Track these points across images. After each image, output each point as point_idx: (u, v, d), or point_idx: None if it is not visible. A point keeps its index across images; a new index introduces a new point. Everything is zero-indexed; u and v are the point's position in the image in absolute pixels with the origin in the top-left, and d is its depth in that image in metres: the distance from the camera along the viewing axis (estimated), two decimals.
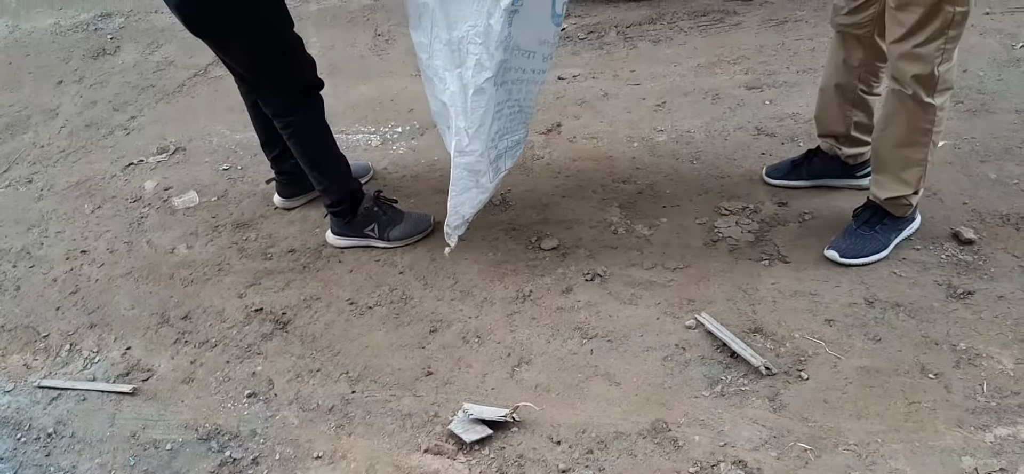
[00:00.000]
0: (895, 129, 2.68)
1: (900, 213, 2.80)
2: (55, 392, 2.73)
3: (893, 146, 2.71)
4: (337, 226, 3.20)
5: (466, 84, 2.63)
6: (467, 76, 2.61)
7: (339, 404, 2.55)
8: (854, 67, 2.90)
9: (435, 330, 2.78)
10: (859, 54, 2.87)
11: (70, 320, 3.02)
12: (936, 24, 2.44)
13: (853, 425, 2.26)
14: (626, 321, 2.72)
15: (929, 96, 2.55)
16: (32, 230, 3.55)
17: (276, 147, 3.31)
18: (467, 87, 2.63)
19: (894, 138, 2.70)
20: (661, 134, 3.64)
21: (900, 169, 2.73)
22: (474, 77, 2.60)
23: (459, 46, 2.60)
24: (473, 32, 2.55)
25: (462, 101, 2.65)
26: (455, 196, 2.78)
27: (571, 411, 2.43)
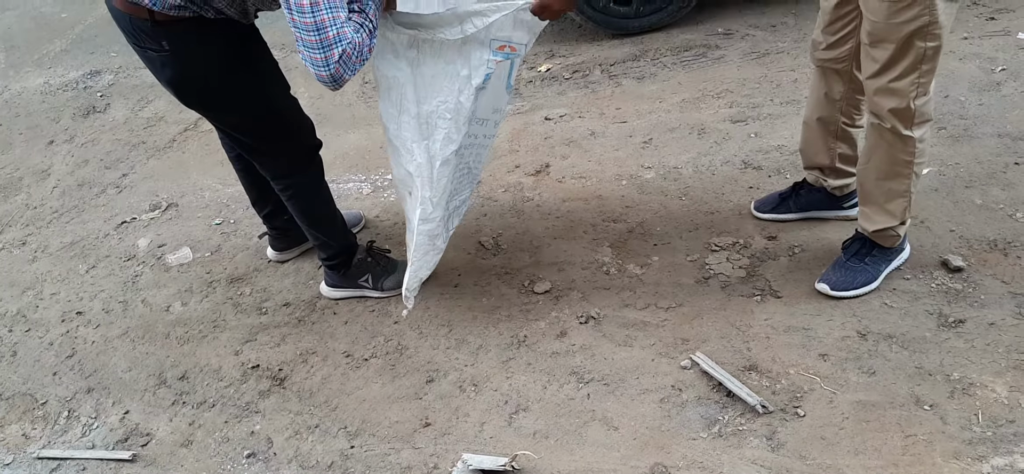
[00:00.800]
0: (877, 162, 2.71)
1: (889, 244, 2.83)
2: (54, 463, 2.72)
3: (876, 179, 2.74)
4: (331, 278, 3.21)
5: (433, 156, 2.68)
6: (434, 148, 2.67)
7: (338, 460, 2.55)
8: (836, 100, 2.93)
9: (432, 380, 2.79)
10: (840, 88, 2.90)
11: (67, 385, 3.03)
12: (908, 59, 2.47)
13: (851, 461, 2.28)
14: (621, 364, 2.73)
15: (907, 129, 2.58)
16: (27, 293, 3.56)
17: (267, 204, 3.32)
18: (434, 159, 2.69)
19: (876, 171, 2.72)
20: (649, 171, 3.67)
21: (885, 201, 2.76)
22: (441, 149, 2.68)
23: (428, 119, 2.65)
24: (443, 107, 2.62)
25: (429, 172, 2.70)
26: (416, 261, 2.81)
27: (570, 457, 2.44)
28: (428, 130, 2.66)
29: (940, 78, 3.77)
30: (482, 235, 3.44)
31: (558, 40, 5.15)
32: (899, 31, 2.43)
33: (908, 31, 2.42)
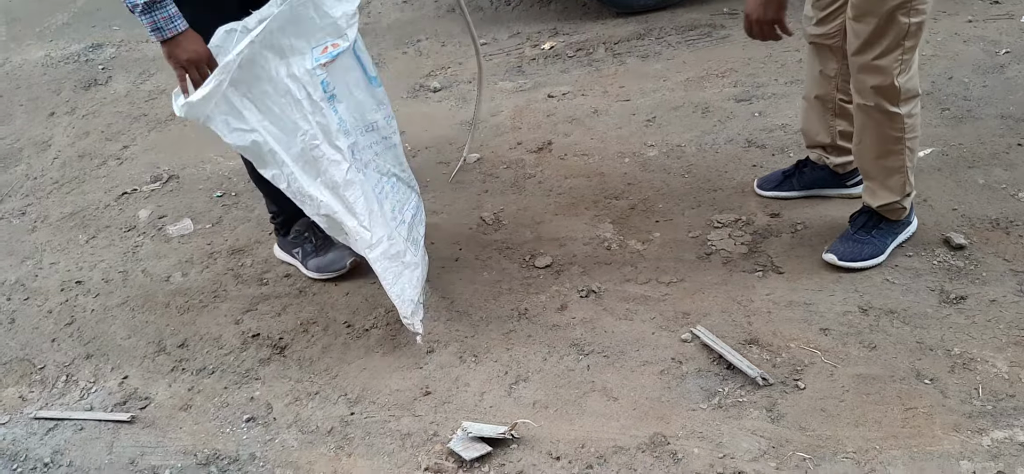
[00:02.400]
0: (868, 142, 2.72)
1: (895, 217, 2.83)
2: (52, 423, 2.73)
3: (871, 158, 2.76)
4: (277, 238, 3.34)
5: (333, 186, 2.62)
6: (330, 178, 2.61)
7: (338, 426, 2.55)
8: (831, 77, 2.94)
9: (432, 350, 2.79)
10: (834, 64, 2.91)
11: (66, 351, 3.02)
12: (891, 35, 2.48)
13: (851, 433, 2.27)
14: (622, 336, 2.73)
15: (893, 106, 2.59)
16: (26, 262, 3.55)
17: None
18: (337, 187, 2.62)
19: (869, 151, 2.74)
20: (652, 149, 3.67)
21: (884, 178, 2.77)
22: (335, 174, 2.61)
23: (304, 158, 2.59)
24: (309, 137, 2.57)
25: (340, 204, 2.64)
26: (391, 288, 2.73)
27: (569, 427, 2.44)
28: (312, 167, 2.60)
29: (944, 60, 3.78)
30: (483, 210, 3.43)
31: (562, 18, 5.14)
32: (883, 5, 2.45)
33: (891, 5, 2.44)
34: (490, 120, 4.10)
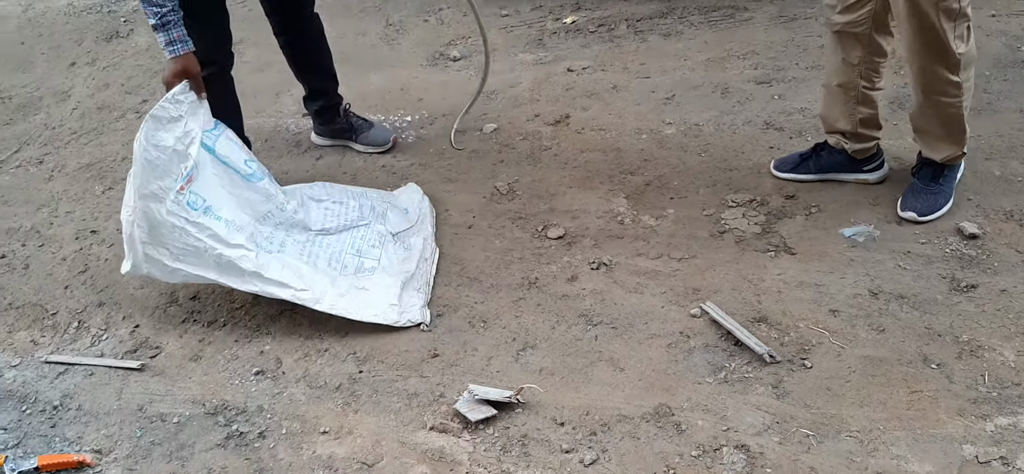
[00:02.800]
0: (929, 112, 2.86)
1: (955, 163, 2.98)
2: (62, 367, 2.75)
3: (935, 123, 2.88)
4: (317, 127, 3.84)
5: (254, 274, 2.72)
6: (247, 270, 2.72)
7: (346, 382, 2.57)
8: (854, 65, 2.94)
9: (441, 314, 2.80)
10: (858, 52, 2.91)
11: (79, 298, 3.05)
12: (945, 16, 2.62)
13: (856, 412, 2.28)
14: (631, 309, 2.73)
15: (954, 74, 2.73)
16: (42, 210, 3.58)
17: (305, 86, 3.76)
18: (257, 275, 2.72)
19: (930, 119, 2.88)
20: (670, 127, 3.66)
21: (946, 135, 2.90)
22: (249, 266, 2.72)
23: (221, 264, 2.71)
24: (209, 250, 2.69)
25: (269, 285, 2.74)
26: (362, 317, 2.78)
27: (575, 394, 2.45)
28: (231, 269, 2.72)
29: None
30: (498, 180, 3.44)
31: None
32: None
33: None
34: (508, 91, 4.10)
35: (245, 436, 2.43)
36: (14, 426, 2.56)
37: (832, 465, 2.15)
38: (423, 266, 2.96)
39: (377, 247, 2.98)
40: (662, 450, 2.25)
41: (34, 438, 2.51)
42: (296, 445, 2.39)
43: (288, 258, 2.81)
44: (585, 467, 2.23)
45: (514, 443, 2.32)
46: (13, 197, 3.67)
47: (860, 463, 2.15)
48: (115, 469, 2.38)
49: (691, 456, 2.22)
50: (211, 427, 2.47)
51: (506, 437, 2.34)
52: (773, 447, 2.21)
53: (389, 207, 3.15)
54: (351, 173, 3.59)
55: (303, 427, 2.44)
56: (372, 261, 2.93)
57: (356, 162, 3.68)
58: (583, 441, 2.31)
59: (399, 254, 2.98)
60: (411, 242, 3.04)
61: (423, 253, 3.00)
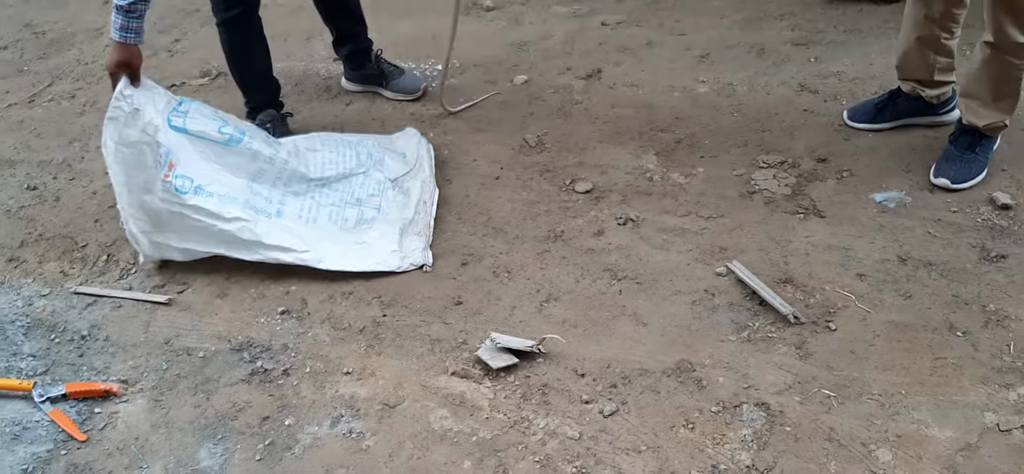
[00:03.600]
0: (990, 72, 2.82)
1: (995, 134, 2.94)
2: (91, 299, 2.79)
3: (988, 86, 2.84)
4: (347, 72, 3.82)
5: (256, 243, 2.78)
6: (249, 241, 2.77)
7: (370, 325, 2.59)
8: (935, 19, 2.95)
9: (466, 263, 2.81)
10: (939, 6, 2.92)
11: (108, 232, 3.07)
12: None
13: (878, 376, 2.27)
14: (656, 265, 2.73)
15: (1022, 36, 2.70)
16: (73, 144, 3.60)
17: (333, 32, 3.73)
18: (258, 244, 2.78)
19: (988, 80, 2.84)
20: (703, 85, 3.63)
21: (994, 101, 2.86)
22: (248, 236, 2.76)
23: (227, 240, 2.77)
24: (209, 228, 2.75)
25: (272, 251, 2.79)
26: (366, 268, 2.80)
27: (597, 347, 2.46)
28: (236, 242, 2.77)
29: None
30: (527, 132, 3.43)
31: None
32: None
33: None
34: (540, 44, 4.07)
35: (269, 373, 2.45)
36: (43, 353, 2.59)
37: (852, 427, 2.15)
38: (422, 210, 2.97)
39: (377, 195, 2.98)
40: (682, 404, 2.25)
41: (62, 366, 2.55)
42: (319, 384, 2.41)
43: (287, 221, 2.84)
44: (604, 418, 2.24)
45: (534, 392, 2.33)
46: (45, 130, 3.71)
47: (880, 426, 2.14)
48: (141, 399, 2.42)
49: (711, 411, 2.23)
50: (236, 363, 2.50)
51: (527, 386, 2.35)
52: (793, 406, 2.21)
53: (387, 153, 3.15)
54: (380, 120, 3.59)
55: (326, 367, 2.46)
56: (372, 210, 2.94)
57: (385, 109, 3.68)
58: (603, 392, 2.31)
59: (398, 200, 2.99)
60: (409, 187, 3.05)
61: (421, 196, 3.00)
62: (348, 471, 2.18)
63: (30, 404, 2.42)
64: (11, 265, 2.95)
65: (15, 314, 2.73)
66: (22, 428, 2.36)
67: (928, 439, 2.11)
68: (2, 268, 2.94)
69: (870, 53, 3.73)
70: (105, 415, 2.38)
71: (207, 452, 2.26)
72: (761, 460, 2.10)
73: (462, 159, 3.30)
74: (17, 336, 2.66)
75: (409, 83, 3.72)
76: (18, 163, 3.48)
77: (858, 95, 3.42)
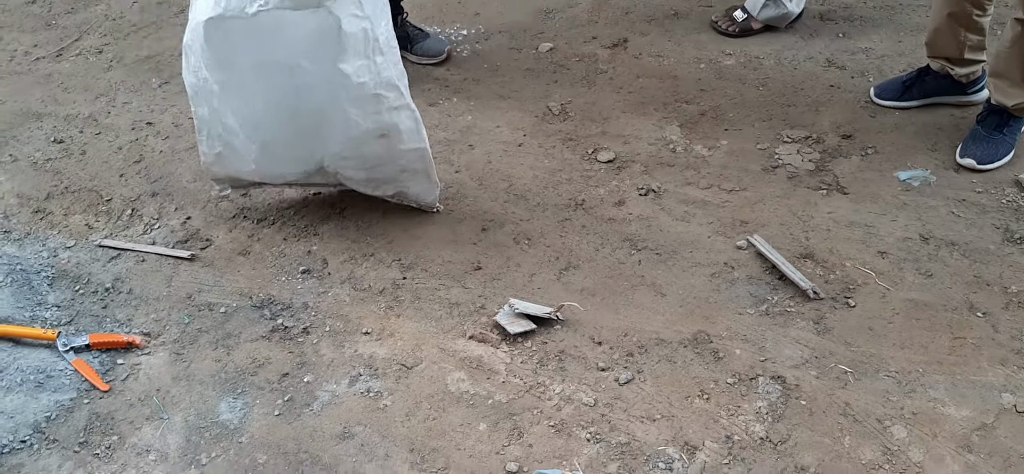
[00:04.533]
0: (1020, 49, 2.76)
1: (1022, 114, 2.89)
2: (115, 252, 2.82)
3: (1019, 65, 2.79)
4: None
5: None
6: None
7: (390, 287, 2.61)
8: None
9: (487, 229, 2.82)
10: None
11: (133, 187, 3.10)
12: None
13: (896, 354, 2.27)
14: (677, 236, 2.73)
15: None
16: (100, 99, 3.63)
17: None
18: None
19: (1019, 58, 2.78)
20: (729, 57, 3.61)
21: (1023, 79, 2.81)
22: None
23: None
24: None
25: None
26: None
27: (614, 316, 2.47)
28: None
29: None
30: (551, 100, 3.42)
31: None
32: None
33: None
34: (566, 12, 4.05)
35: (289, 330, 2.48)
36: (67, 304, 2.63)
37: (867, 402, 2.15)
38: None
39: None
40: (698, 375, 2.27)
41: (86, 317, 2.58)
42: (338, 343, 2.44)
43: None
44: (620, 386, 2.25)
45: (551, 358, 2.35)
46: (73, 84, 3.73)
47: (896, 402, 2.15)
48: (163, 352, 2.45)
49: (726, 383, 2.24)
50: (257, 319, 2.53)
51: (543, 351, 2.36)
52: (810, 380, 2.22)
53: None
54: None
55: (346, 326, 2.49)
56: None
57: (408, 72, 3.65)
58: (619, 361, 2.32)
59: None
60: None
61: None
62: (365, 429, 2.21)
63: (54, 353, 2.46)
64: (37, 217, 2.98)
65: (41, 265, 2.77)
66: (46, 376, 2.40)
67: (944, 417, 2.12)
68: (28, 219, 2.97)
69: (900, 29, 3.69)
70: (127, 366, 2.42)
71: (227, 406, 2.29)
72: (775, 432, 2.11)
73: (485, 125, 3.30)
74: (42, 286, 2.69)
75: (433, 47, 3.72)
76: (45, 116, 3.51)
77: (886, 72, 3.38)
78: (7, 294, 2.66)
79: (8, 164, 3.23)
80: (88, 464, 2.18)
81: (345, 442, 2.18)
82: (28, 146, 3.33)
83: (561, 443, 2.14)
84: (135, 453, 2.20)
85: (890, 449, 2.06)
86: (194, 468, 2.16)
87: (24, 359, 2.45)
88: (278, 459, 2.16)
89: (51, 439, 2.24)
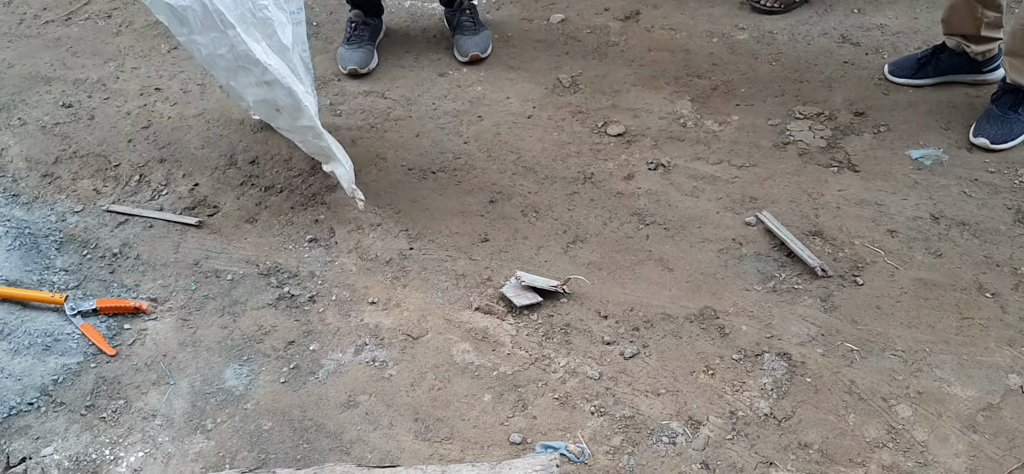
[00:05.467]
0: None
1: None
2: (123, 217, 2.82)
3: None
4: None
5: (281, 49, 2.46)
6: (277, 42, 2.45)
7: (396, 258, 2.61)
8: None
9: (494, 201, 2.81)
10: None
11: (141, 152, 3.10)
12: None
13: (903, 333, 2.26)
14: (685, 212, 2.72)
15: None
16: (109, 63, 3.62)
17: None
18: (284, 51, 2.46)
19: None
20: (742, 32, 3.58)
21: None
22: (283, 37, 2.45)
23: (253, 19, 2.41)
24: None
25: (288, 68, 2.48)
26: (342, 151, 2.69)
27: (621, 290, 2.46)
28: (259, 29, 2.42)
29: None
30: (561, 72, 3.40)
31: None
32: None
33: None
34: None
35: (296, 299, 2.48)
36: (75, 268, 2.64)
37: (873, 381, 2.15)
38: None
39: None
40: (703, 350, 2.26)
41: (93, 282, 2.59)
42: (345, 312, 2.44)
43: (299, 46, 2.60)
44: (625, 360, 2.25)
45: (556, 331, 2.34)
46: (81, 48, 3.73)
47: (902, 381, 2.14)
48: (170, 317, 2.46)
49: (732, 359, 2.23)
50: (263, 287, 2.53)
51: (549, 324, 2.36)
52: (815, 358, 2.21)
53: None
54: (414, 54, 3.58)
55: (352, 295, 2.49)
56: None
57: (419, 43, 3.66)
58: (625, 335, 2.32)
59: None
60: None
61: None
62: (370, 398, 2.21)
63: (62, 317, 2.47)
64: (45, 181, 2.99)
65: (49, 228, 2.78)
66: (53, 339, 2.41)
67: (949, 397, 2.11)
68: (36, 183, 2.98)
69: (915, 6, 3.65)
70: (134, 331, 2.43)
71: (233, 372, 2.30)
72: (780, 409, 2.11)
73: (495, 96, 3.28)
74: (50, 250, 2.70)
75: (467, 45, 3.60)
76: (54, 80, 3.51)
77: (900, 49, 3.35)
78: (15, 257, 2.67)
79: (17, 127, 3.23)
80: (95, 427, 2.19)
81: (350, 410, 2.19)
82: (37, 110, 3.33)
83: (565, 415, 2.14)
84: (141, 417, 2.21)
85: (894, 427, 2.05)
86: (200, 433, 2.16)
87: (32, 322, 2.46)
88: (283, 426, 2.17)
89: (58, 402, 2.25)
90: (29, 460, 2.12)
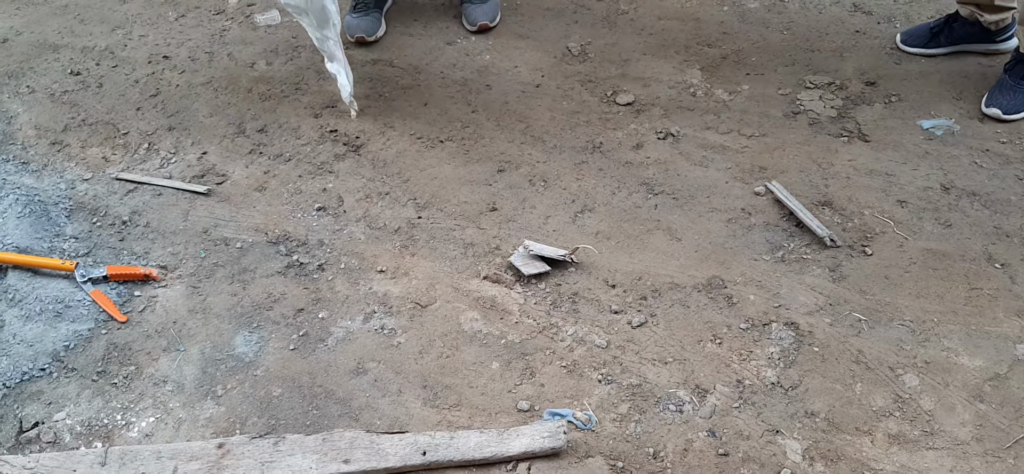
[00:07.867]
0: None
1: None
2: (132, 185, 2.83)
3: None
4: None
5: None
6: None
7: (405, 226, 2.61)
8: None
9: (503, 170, 2.81)
10: None
11: (150, 121, 3.10)
12: None
13: (911, 303, 2.26)
14: (694, 181, 2.71)
15: None
16: (117, 31, 3.62)
17: None
18: None
19: None
20: (753, 1, 3.55)
21: None
22: None
23: None
24: None
25: None
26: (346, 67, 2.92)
27: (629, 259, 2.46)
28: None
29: None
30: (570, 41, 3.39)
31: None
32: None
33: None
34: None
35: (305, 267, 2.49)
36: (85, 236, 2.65)
37: (880, 350, 2.15)
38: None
39: None
40: (710, 320, 2.26)
41: (104, 249, 2.60)
42: (353, 280, 2.45)
43: None
44: (632, 328, 2.26)
45: (564, 299, 2.35)
46: (89, 16, 3.72)
47: (909, 351, 2.14)
48: (180, 285, 2.47)
49: (739, 328, 2.23)
50: (273, 255, 2.54)
51: (557, 293, 2.37)
52: (823, 327, 2.21)
53: None
54: (422, 22, 3.56)
55: (361, 264, 2.49)
56: None
57: (427, 11, 3.65)
58: (633, 304, 2.32)
59: None
60: None
61: None
62: (379, 365, 2.22)
63: (72, 284, 2.48)
64: (54, 148, 2.99)
65: (58, 196, 2.78)
66: (65, 306, 2.42)
67: (957, 367, 2.11)
68: (46, 151, 2.98)
69: None
70: (144, 298, 2.44)
71: (242, 339, 2.31)
72: (786, 378, 2.11)
73: (503, 65, 3.27)
74: (60, 218, 2.71)
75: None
76: (62, 48, 3.50)
77: (913, 18, 3.33)
78: (26, 224, 2.68)
79: (26, 95, 3.24)
80: (106, 393, 2.20)
81: (359, 377, 2.20)
82: (45, 78, 3.33)
83: (573, 383, 2.14)
84: (152, 383, 2.22)
85: (901, 397, 2.05)
86: (210, 399, 2.18)
87: (43, 289, 2.48)
88: (293, 392, 2.18)
89: (70, 368, 2.27)
90: (42, 424, 2.14)
